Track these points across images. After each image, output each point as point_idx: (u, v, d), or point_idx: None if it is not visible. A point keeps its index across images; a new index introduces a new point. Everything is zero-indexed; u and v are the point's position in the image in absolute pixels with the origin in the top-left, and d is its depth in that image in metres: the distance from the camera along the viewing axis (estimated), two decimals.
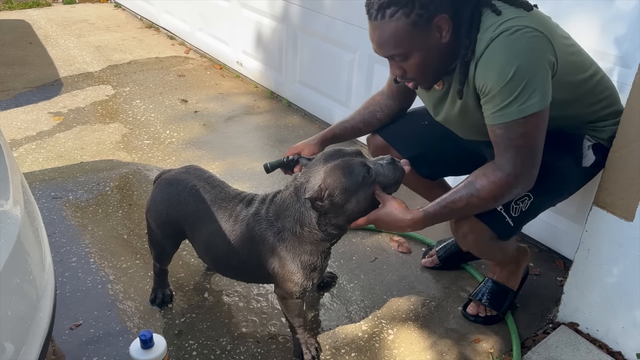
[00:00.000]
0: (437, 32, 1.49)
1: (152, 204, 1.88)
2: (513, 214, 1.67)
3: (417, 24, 1.46)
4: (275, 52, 3.83)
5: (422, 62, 1.54)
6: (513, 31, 1.43)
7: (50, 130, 3.36)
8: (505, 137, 1.50)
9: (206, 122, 3.60)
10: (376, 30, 1.51)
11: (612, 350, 1.90)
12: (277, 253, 1.67)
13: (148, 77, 4.27)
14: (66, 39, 5.05)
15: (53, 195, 2.72)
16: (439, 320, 2.06)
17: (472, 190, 1.56)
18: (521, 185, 1.55)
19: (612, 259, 1.81)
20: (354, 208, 1.59)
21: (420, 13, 1.44)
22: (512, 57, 1.42)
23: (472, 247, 1.79)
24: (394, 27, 1.47)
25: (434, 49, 1.52)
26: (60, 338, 1.90)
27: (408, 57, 1.53)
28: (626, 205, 1.72)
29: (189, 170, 1.90)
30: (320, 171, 1.58)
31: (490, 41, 1.45)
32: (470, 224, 1.68)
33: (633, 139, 1.64)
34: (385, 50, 1.54)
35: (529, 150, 1.51)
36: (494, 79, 1.45)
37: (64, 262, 2.26)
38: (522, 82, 1.43)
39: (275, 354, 1.89)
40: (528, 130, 1.48)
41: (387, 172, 1.61)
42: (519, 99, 1.44)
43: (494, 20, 1.47)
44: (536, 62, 1.45)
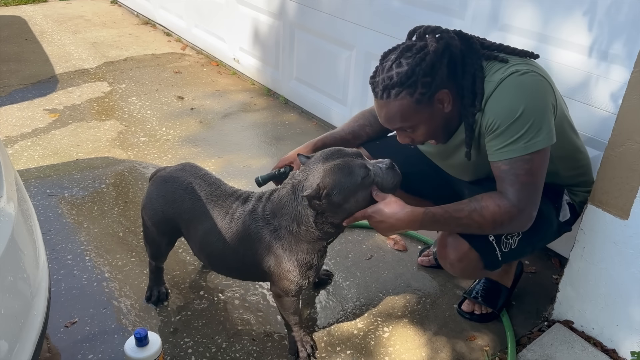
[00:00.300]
0: (440, 104, 1.58)
1: (148, 201, 1.87)
2: (503, 249, 1.71)
3: (421, 101, 1.54)
4: (272, 49, 3.82)
5: (428, 131, 1.64)
6: (521, 73, 1.52)
7: (45, 127, 3.35)
8: (510, 172, 1.54)
9: (202, 119, 3.59)
10: (383, 108, 1.60)
11: (606, 348, 1.90)
12: (274, 251, 1.67)
13: (144, 74, 4.26)
14: (62, 36, 5.03)
15: (48, 192, 2.71)
16: (434, 317, 2.07)
17: (477, 206, 1.57)
18: (521, 220, 1.58)
19: (607, 257, 1.81)
20: (352, 208, 1.60)
21: (422, 92, 1.53)
22: (521, 96, 1.51)
23: (458, 272, 1.80)
24: (400, 105, 1.56)
25: (438, 119, 1.62)
26: (56, 336, 1.90)
27: (415, 129, 1.63)
28: (621, 204, 1.72)
29: (185, 167, 1.90)
30: (320, 170, 1.57)
31: (500, 81, 1.53)
32: (461, 252, 1.69)
33: (628, 137, 1.64)
34: (393, 124, 1.63)
35: (533, 188, 1.55)
36: (503, 116, 1.52)
37: (60, 260, 2.25)
38: (530, 120, 1.49)
39: (270, 351, 1.89)
40: (533, 167, 1.53)
41: (386, 176, 1.62)
42: (525, 136, 1.50)
43: (501, 65, 1.56)
44: (542, 103, 1.52)
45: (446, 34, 1.56)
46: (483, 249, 1.68)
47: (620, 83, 1.93)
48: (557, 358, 1.85)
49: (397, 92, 1.53)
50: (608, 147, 1.71)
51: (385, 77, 1.54)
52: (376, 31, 2.95)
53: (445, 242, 1.72)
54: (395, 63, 1.54)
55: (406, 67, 1.52)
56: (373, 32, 2.97)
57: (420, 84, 1.51)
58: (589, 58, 2.03)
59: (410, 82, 1.51)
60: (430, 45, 1.53)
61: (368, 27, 2.99)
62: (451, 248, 1.70)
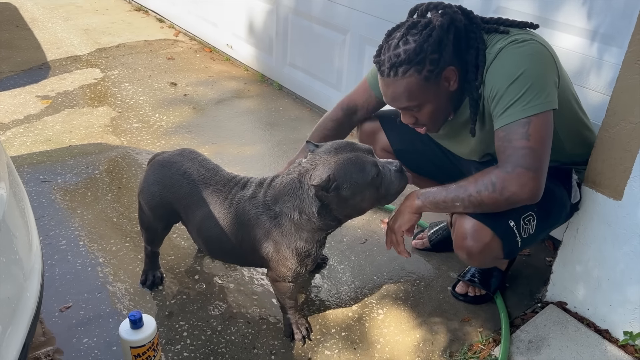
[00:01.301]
0: (446, 82, 1.56)
1: (145, 185, 1.86)
2: (523, 235, 1.67)
3: (429, 79, 1.53)
4: (266, 34, 3.79)
5: (434, 110, 1.62)
6: (521, 41, 1.51)
7: (38, 113, 3.32)
8: (505, 139, 1.50)
9: (196, 106, 3.57)
10: (389, 87, 1.57)
11: (599, 328, 1.92)
12: (273, 238, 1.66)
13: (137, 60, 4.23)
14: (53, 22, 4.98)
15: (41, 178, 2.69)
16: (428, 300, 2.08)
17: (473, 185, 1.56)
18: (515, 187, 1.49)
19: (601, 238, 1.82)
20: (357, 205, 1.59)
21: (431, 69, 1.51)
22: (519, 62, 1.49)
23: (476, 263, 1.77)
24: (407, 83, 1.53)
25: (444, 98, 1.60)
26: (50, 320, 1.90)
27: (421, 108, 1.61)
28: (614, 185, 1.73)
29: (183, 152, 1.88)
30: (331, 161, 1.54)
31: (499, 51, 1.52)
32: (483, 242, 1.63)
33: (622, 118, 1.64)
34: (400, 103, 1.61)
35: (529, 153, 1.48)
36: (501, 81, 1.50)
37: (53, 245, 2.25)
38: (528, 83, 1.47)
39: (266, 334, 1.90)
40: (530, 130, 1.47)
41: (394, 179, 1.60)
42: (523, 99, 1.47)
43: (502, 36, 1.54)
44: (541, 67, 1.50)
45: (449, 9, 1.54)
46: (505, 236, 1.63)
47: (616, 65, 1.92)
48: (551, 339, 1.86)
49: (405, 70, 1.51)
50: (602, 128, 1.71)
51: (392, 55, 1.52)
52: (370, 15, 2.93)
53: (464, 233, 1.65)
54: (402, 40, 1.51)
55: (413, 44, 1.49)
56: (367, 15, 2.95)
57: (429, 60, 1.49)
58: (585, 40, 2.03)
59: (419, 59, 1.49)
60: (435, 20, 1.51)
61: (362, 11, 2.97)
62: (472, 239, 1.63)
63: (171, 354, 1.80)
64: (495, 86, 1.51)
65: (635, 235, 1.72)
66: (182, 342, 1.85)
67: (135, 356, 1.63)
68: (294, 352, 1.84)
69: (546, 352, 1.82)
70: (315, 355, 1.83)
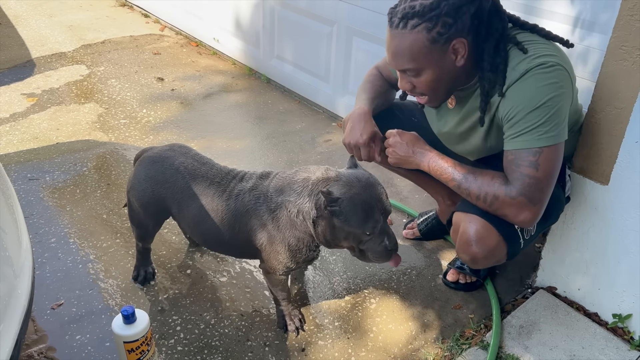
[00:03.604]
0: (453, 54, 1.50)
1: (136, 182, 1.84)
2: (525, 236, 1.67)
3: (436, 42, 1.47)
4: (252, 27, 3.78)
5: (433, 80, 1.55)
6: (549, 66, 1.45)
7: (24, 111, 3.29)
8: (514, 163, 1.50)
9: (183, 101, 3.55)
10: (394, 39, 1.51)
11: (589, 312, 1.94)
12: (268, 230, 1.67)
13: (123, 56, 4.19)
14: (37, 19, 4.92)
15: (29, 176, 2.67)
16: (420, 288, 2.09)
17: (476, 174, 1.56)
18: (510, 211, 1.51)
19: (588, 222, 1.84)
20: (335, 238, 1.58)
21: (441, 31, 1.45)
22: (543, 90, 1.45)
23: (480, 266, 1.74)
24: (413, 39, 1.47)
25: (446, 70, 1.53)
26: (42, 318, 1.89)
27: (420, 73, 1.54)
28: (601, 170, 1.75)
29: (174, 147, 1.87)
30: (353, 189, 1.54)
31: (526, 71, 1.47)
32: (489, 247, 1.62)
33: (607, 103, 1.66)
34: (400, 63, 1.54)
35: (534, 183, 1.48)
36: (523, 104, 1.47)
37: (43, 243, 2.23)
38: (548, 113, 1.45)
39: (259, 326, 1.90)
40: (540, 160, 1.47)
41: (378, 251, 1.59)
42: (539, 129, 1.46)
43: (524, 55, 1.49)
44: (563, 99, 1.48)
45: None
46: (510, 238, 1.63)
47: (601, 51, 1.94)
48: (541, 323, 1.89)
49: (415, 24, 1.45)
50: (588, 114, 1.73)
51: (407, 7, 1.47)
52: (357, 6, 2.93)
53: (469, 239, 1.63)
54: None
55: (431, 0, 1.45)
56: (354, 7, 2.95)
57: (442, 22, 1.44)
58: (570, 27, 2.04)
59: (432, 15, 1.43)
60: None
61: (349, 2, 2.97)
62: (478, 246, 1.62)
63: (165, 348, 1.80)
64: (515, 108, 1.48)
65: (622, 219, 1.75)
66: (176, 336, 1.85)
67: (129, 351, 1.63)
68: (288, 343, 1.84)
69: (537, 336, 1.84)
70: (309, 346, 1.84)
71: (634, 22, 1.54)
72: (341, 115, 3.30)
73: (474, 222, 1.62)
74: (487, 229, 1.60)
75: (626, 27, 1.57)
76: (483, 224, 1.61)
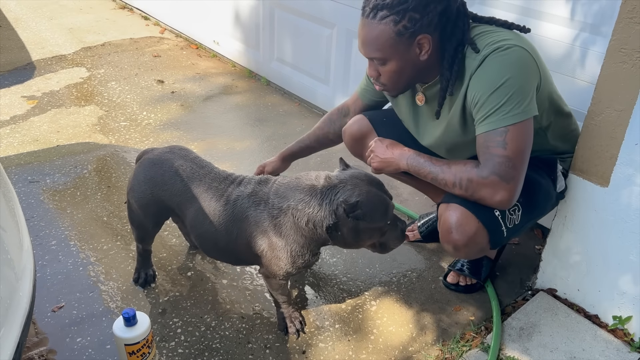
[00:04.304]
0: (418, 48, 1.56)
1: (135, 183, 1.84)
2: (508, 225, 1.69)
3: (402, 35, 1.53)
4: (252, 30, 3.78)
5: (396, 71, 1.62)
6: (505, 48, 1.51)
7: (24, 114, 3.29)
8: (484, 145, 1.54)
9: (184, 103, 3.56)
10: (364, 28, 1.58)
11: (589, 314, 1.95)
12: (269, 236, 1.66)
13: (123, 59, 4.20)
14: (37, 22, 4.92)
15: (30, 179, 2.67)
16: (420, 290, 2.09)
17: (451, 165, 1.63)
18: (485, 191, 1.56)
19: (588, 224, 1.84)
20: (361, 239, 1.62)
21: (407, 25, 1.51)
22: (502, 70, 1.50)
23: (463, 255, 1.76)
24: (381, 30, 1.54)
25: (410, 63, 1.60)
26: (43, 320, 1.89)
27: (385, 63, 1.61)
28: (601, 171, 1.75)
29: (173, 150, 1.87)
30: (363, 189, 1.58)
31: (484, 58, 1.52)
32: (469, 234, 1.64)
33: (607, 105, 1.67)
34: (367, 51, 1.61)
35: (504, 161, 1.52)
36: (484, 88, 1.52)
37: (44, 246, 2.23)
38: (508, 92, 1.49)
39: (260, 328, 1.90)
40: (507, 139, 1.51)
41: (396, 237, 1.68)
42: (502, 108, 1.50)
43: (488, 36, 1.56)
44: (524, 75, 1.51)
45: None
46: (491, 225, 1.65)
47: (600, 54, 1.94)
48: (542, 325, 1.89)
49: (384, 16, 1.52)
50: (587, 116, 1.73)
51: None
52: (356, 8, 2.93)
53: (450, 227, 1.66)
54: None
55: None
56: (353, 9, 2.95)
57: (408, 16, 1.50)
58: (570, 30, 2.05)
59: (400, 9, 1.50)
60: None
61: (348, 5, 2.98)
62: (458, 233, 1.65)
63: (166, 350, 1.80)
64: (477, 93, 1.54)
65: (622, 221, 1.75)
66: (177, 338, 1.85)
67: (130, 353, 1.63)
68: (289, 345, 1.84)
69: (537, 338, 1.84)
70: (310, 348, 1.84)
71: (634, 24, 1.55)
72: None
73: (453, 210, 1.66)
74: (466, 215, 1.64)
75: (626, 29, 1.57)
76: (462, 212, 1.64)
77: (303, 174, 1.69)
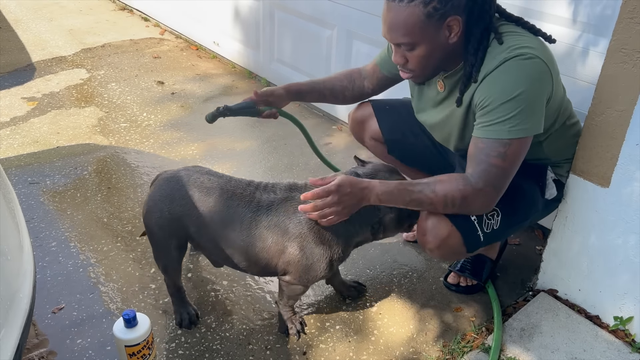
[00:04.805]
0: (447, 31, 1.51)
1: (152, 204, 1.73)
2: (485, 229, 1.67)
3: (432, 17, 1.47)
4: (252, 30, 3.78)
5: (425, 56, 1.55)
6: (526, 57, 1.47)
7: (24, 115, 3.29)
8: (484, 152, 1.52)
9: (184, 104, 3.56)
10: (391, 12, 1.51)
11: (590, 315, 1.94)
12: (309, 243, 1.64)
13: (123, 60, 4.20)
14: (37, 23, 4.93)
15: (30, 180, 2.67)
16: (421, 291, 2.09)
17: (432, 185, 1.57)
18: (476, 202, 1.56)
19: (589, 225, 1.84)
20: (400, 226, 1.74)
21: (437, 7, 1.45)
22: (519, 81, 1.46)
23: (438, 257, 1.76)
24: (409, 14, 1.47)
25: (439, 47, 1.54)
26: (43, 322, 1.89)
27: (414, 48, 1.54)
28: (602, 172, 1.75)
29: (188, 167, 1.81)
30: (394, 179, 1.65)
31: (504, 60, 1.48)
32: (441, 237, 1.63)
33: (608, 105, 1.66)
34: (395, 36, 1.54)
35: (501, 172, 1.53)
36: (497, 94, 1.48)
37: (44, 247, 2.23)
38: (521, 105, 1.47)
39: (260, 329, 1.90)
40: (508, 152, 1.50)
41: None
42: (512, 120, 1.48)
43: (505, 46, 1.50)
44: (539, 92, 1.49)
45: None
46: (465, 229, 1.64)
47: (601, 54, 1.94)
48: (543, 326, 1.89)
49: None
50: (588, 117, 1.73)
51: None
52: (356, 9, 2.94)
53: (425, 229, 1.66)
54: None
55: None
56: (353, 10, 2.95)
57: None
58: (570, 30, 2.04)
59: None
60: None
61: (348, 5, 2.98)
62: (431, 235, 1.65)
63: (166, 352, 1.80)
64: (489, 97, 1.50)
65: (623, 221, 1.75)
66: (177, 339, 1.85)
67: (130, 355, 1.63)
68: (289, 346, 1.84)
69: (538, 339, 1.84)
70: (311, 349, 1.83)
71: (634, 24, 1.55)
72: (341, 118, 3.30)
73: (430, 214, 1.65)
74: (439, 219, 1.63)
75: (626, 29, 1.57)
76: (437, 215, 1.64)
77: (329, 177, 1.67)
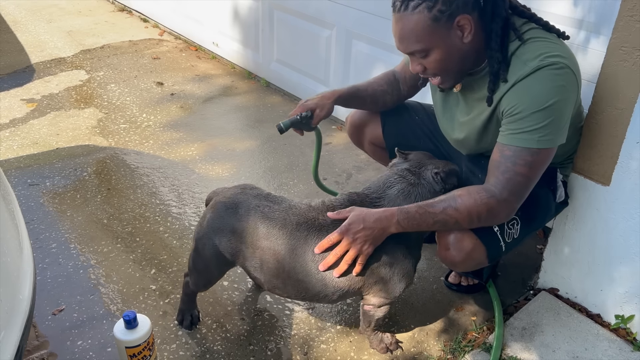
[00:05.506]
0: (459, 31, 1.47)
1: (210, 232, 1.66)
2: (507, 239, 1.66)
3: (439, 20, 1.44)
4: (252, 31, 3.78)
5: (442, 60, 1.52)
6: (559, 67, 1.44)
7: (23, 117, 3.29)
8: (510, 160, 1.49)
9: (183, 105, 3.56)
10: (398, 22, 1.50)
11: (591, 313, 1.94)
12: (395, 254, 1.60)
13: (122, 61, 4.20)
14: (36, 25, 4.92)
15: (29, 182, 2.67)
16: (422, 290, 2.09)
17: (452, 202, 1.53)
18: (500, 212, 1.53)
19: (590, 223, 1.84)
20: None
21: (442, 9, 1.43)
22: (551, 91, 1.44)
23: (461, 270, 1.72)
24: (416, 21, 1.45)
25: (454, 48, 1.50)
26: (43, 323, 1.88)
27: (428, 54, 1.52)
28: (603, 170, 1.74)
29: (245, 190, 1.72)
30: (441, 163, 1.71)
31: (537, 68, 1.45)
32: (466, 251, 1.60)
33: (608, 104, 1.66)
34: (406, 46, 1.52)
35: (524, 181, 1.50)
36: (528, 102, 1.45)
37: (44, 249, 2.23)
38: (553, 116, 1.45)
39: (261, 330, 1.90)
40: (535, 161, 1.48)
41: None
42: (543, 130, 1.46)
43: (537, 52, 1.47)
44: (569, 103, 1.48)
45: None
46: (489, 241, 1.62)
47: (601, 52, 1.94)
48: (544, 325, 1.88)
49: (416, 5, 1.43)
50: (589, 115, 1.72)
51: None
52: (355, 9, 2.93)
53: (447, 244, 1.62)
54: None
55: None
56: (352, 9, 2.95)
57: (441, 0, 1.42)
58: (571, 29, 2.04)
59: None
60: None
61: (347, 5, 2.97)
62: (455, 250, 1.61)
63: (167, 353, 1.80)
64: (521, 104, 1.47)
65: (624, 219, 1.74)
66: (178, 341, 1.84)
67: (131, 356, 1.62)
68: (290, 347, 1.84)
69: (540, 338, 1.84)
70: (311, 349, 1.83)
71: (634, 22, 1.55)
72: (341, 118, 3.30)
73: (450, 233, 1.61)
74: (463, 232, 1.60)
75: (626, 27, 1.57)
76: (458, 234, 1.60)
77: (386, 182, 1.68)
